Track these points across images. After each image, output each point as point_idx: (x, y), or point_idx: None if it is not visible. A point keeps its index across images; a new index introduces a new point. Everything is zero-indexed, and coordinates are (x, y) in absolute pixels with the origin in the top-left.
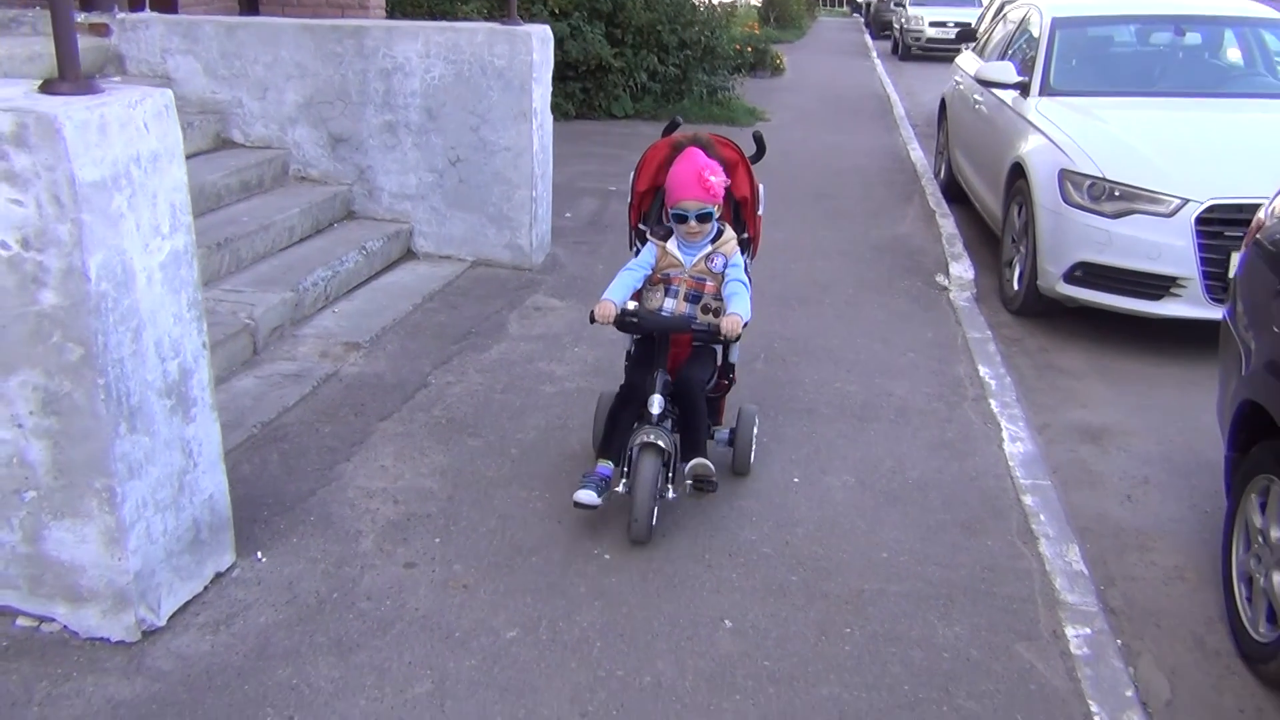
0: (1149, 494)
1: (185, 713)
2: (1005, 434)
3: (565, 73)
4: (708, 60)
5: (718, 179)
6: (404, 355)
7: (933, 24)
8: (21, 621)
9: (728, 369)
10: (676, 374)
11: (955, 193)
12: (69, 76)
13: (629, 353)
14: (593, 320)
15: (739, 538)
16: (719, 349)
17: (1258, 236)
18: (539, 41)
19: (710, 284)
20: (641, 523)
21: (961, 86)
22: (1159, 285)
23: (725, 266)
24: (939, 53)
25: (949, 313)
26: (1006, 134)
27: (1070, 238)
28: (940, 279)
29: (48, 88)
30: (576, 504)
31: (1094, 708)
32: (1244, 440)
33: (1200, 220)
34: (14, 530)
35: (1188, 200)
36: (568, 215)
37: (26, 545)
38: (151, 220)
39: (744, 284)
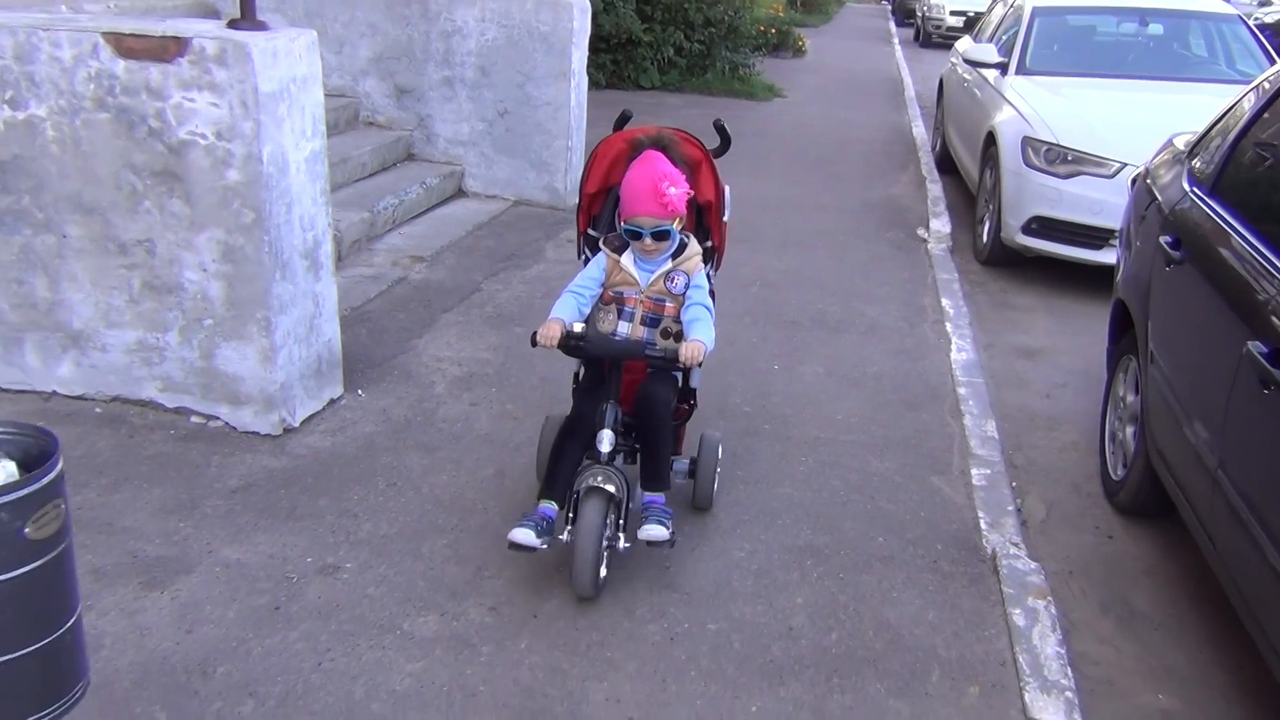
0: (1065, 394)
1: (320, 476)
2: (954, 346)
3: (597, 45)
4: (731, 38)
5: (678, 190)
6: (460, 268)
7: (953, 13)
8: (194, 418)
9: (688, 394)
10: (634, 395)
11: (947, 164)
12: (247, 17)
13: (576, 375)
14: (534, 343)
15: (725, 400)
16: (678, 374)
17: (1144, 179)
18: (579, 11)
19: (670, 305)
20: (585, 578)
21: (957, 68)
22: (1100, 236)
23: (687, 287)
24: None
25: (925, 259)
26: (985, 107)
27: (1028, 195)
28: (921, 232)
29: (233, 24)
30: (512, 544)
31: (981, 515)
32: (1118, 333)
33: (1135, 181)
34: (194, 349)
35: (1126, 164)
36: None
37: (202, 361)
38: (301, 125)
39: (707, 309)
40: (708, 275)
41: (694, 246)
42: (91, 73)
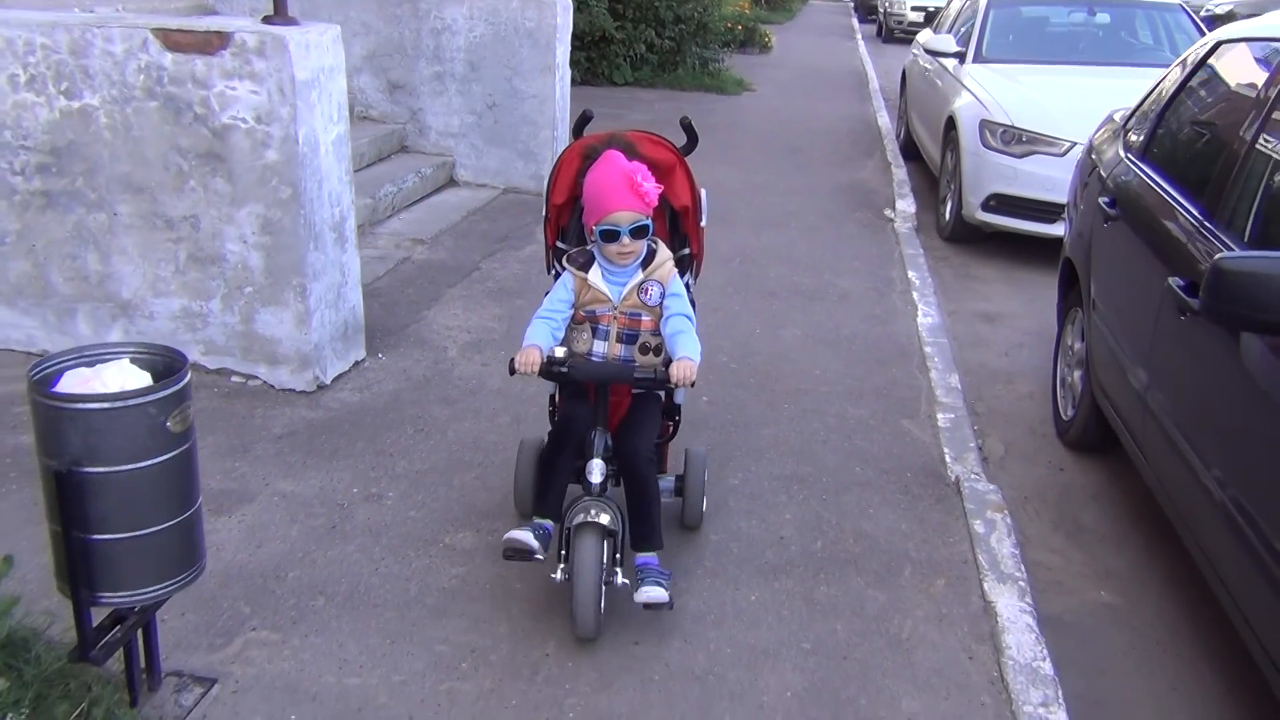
0: (1021, 353)
1: (355, 424)
2: (920, 312)
3: (571, 43)
4: (700, 35)
5: (650, 184)
6: (459, 249)
7: (914, 8)
8: (235, 378)
9: (673, 410)
10: (618, 436)
11: (911, 151)
12: (280, 14)
13: (553, 398)
14: (513, 371)
15: (713, 359)
16: (662, 392)
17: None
18: (562, 8)
19: (647, 319)
20: (587, 618)
21: (919, 59)
22: (1054, 211)
23: (663, 297)
24: None
25: (892, 236)
26: (945, 94)
27: (986, 174)
28: (888, 212)
29: (267, 20)
30: (508, 545)
31: (946, 451)
32: (1066, 290)
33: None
34: (235, 314)
35: (1076, 143)
36: None
37: (242, 325)
38: (329, 111)
39: (689, 318)
40: (686, 285)
41: (664, 252)
42: (142, 65)
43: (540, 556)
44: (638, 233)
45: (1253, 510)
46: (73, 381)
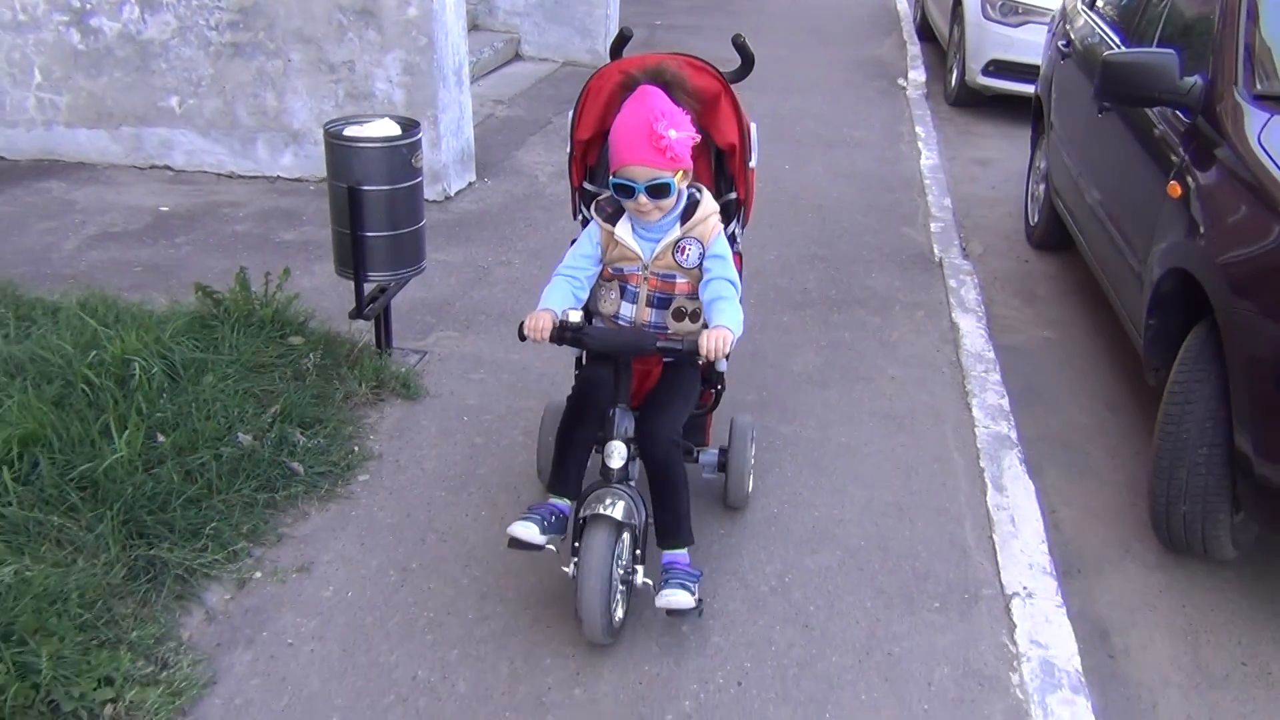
0: (1007, 186)
1: (478, 222)
2: (923, 156)
3: None
4: None
5: (680, 134)
6: (532, 108)
7: None
8: None
9: (715, 378)
10: (640, 416)
11: (927, 33)
12: None
13: (579, 360)
14: (522, 337)
15: None
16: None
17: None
18: None
19: (683, 281)
20: (594, 624)
21: None
22: None
23: (703, 258)
24: None
25: (903, 100)
26: None
27: (987, 43)
28: (900, 81)
29: None
30: (512, 540)
31: (935, 245)
32: (1036, 121)
33: None
34: None
35: None
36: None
37: None
38: None
39: (732, 284)
40: (733, 237)
41: (708, 204)
42: None
43: (550, 548)
44: (655, 191)
45: (1129, 237)
46: (352, 132)
